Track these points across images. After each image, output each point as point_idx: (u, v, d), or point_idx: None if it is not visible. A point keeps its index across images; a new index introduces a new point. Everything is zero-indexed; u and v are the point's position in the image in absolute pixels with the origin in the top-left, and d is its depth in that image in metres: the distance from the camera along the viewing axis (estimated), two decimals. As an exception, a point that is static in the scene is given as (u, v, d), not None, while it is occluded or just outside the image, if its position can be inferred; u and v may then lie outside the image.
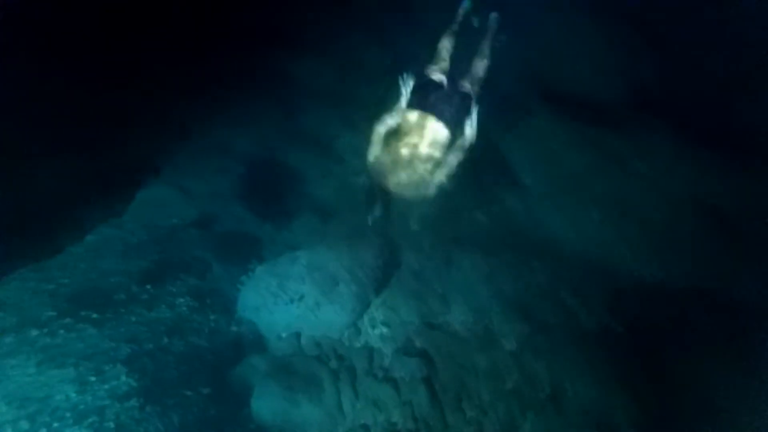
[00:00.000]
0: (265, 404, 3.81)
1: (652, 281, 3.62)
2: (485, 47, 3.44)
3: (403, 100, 3.08)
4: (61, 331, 4.82)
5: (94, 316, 5.07)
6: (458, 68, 3.40)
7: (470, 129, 3.05)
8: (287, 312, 4.52)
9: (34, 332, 4.73)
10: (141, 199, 5.72)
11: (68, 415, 4.00)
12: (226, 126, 6.97)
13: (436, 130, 3.02)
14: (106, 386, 4.27)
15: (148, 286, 5.37)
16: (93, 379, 4.36)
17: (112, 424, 3.94)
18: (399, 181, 2.90)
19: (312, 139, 7.03)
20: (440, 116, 3.05)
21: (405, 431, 3.21)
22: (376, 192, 2.91)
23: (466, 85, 3.26)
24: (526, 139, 5.77)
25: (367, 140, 3.06)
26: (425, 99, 3.14)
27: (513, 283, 4.07)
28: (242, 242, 6.01)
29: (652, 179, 4.01)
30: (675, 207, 3.86)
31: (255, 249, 5.84)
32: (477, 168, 5.46)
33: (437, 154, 2.98)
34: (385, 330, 4.06)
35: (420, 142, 2.98)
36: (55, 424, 3.93)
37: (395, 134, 3.09)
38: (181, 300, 5.23)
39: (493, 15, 3.63)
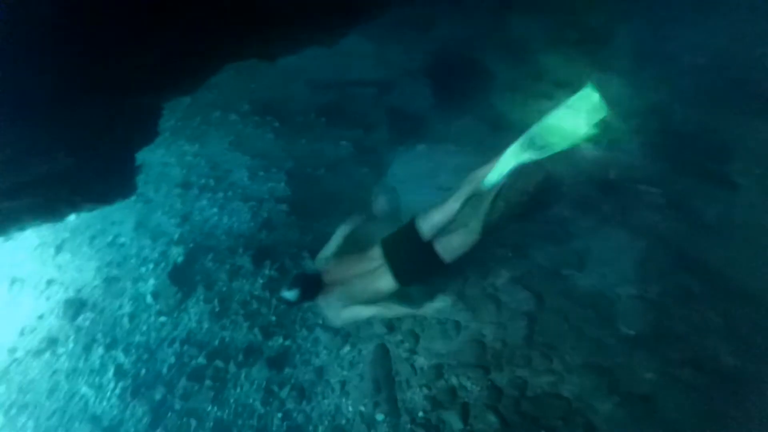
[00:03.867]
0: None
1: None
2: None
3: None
4: (251, 125, 5.70)
5: (276, 124, 5.84)
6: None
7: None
8: (428, 197, 4.74)
9: (233, 117, 5.67)
10: (342, 45, 6.00)
11: (239, 192, 4.92)
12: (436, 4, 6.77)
13: (385, 284, 3.06)
14: (269, 184, 5.07)
15: (323, 119, 5.95)
16: (261, 174, 5.20)
17: (265, 215, 4.76)
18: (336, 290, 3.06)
19: (518, 48, 6.59)
20: (396, 274, 3.06)
21: (490, 347, 3.43)
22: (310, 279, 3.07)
23: (448, 253, 3.11)
24: (763, 136, 4.78)
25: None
26: (395, 250, 3.14)
27: (661, 280, 3.75)
28: (411, 116, 6.18)
29: None
30: None
31: (420, 127, 5.99)
32: (682, 143, 4.76)
33: (373, 297, 3.06)
34: (510, 254, 4.12)
35: (366, 282, 3.08)
36: (229, 193, 4.88)
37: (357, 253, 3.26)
38: (344, 143, 5.72)
39: None
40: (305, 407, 3.39)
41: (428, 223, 3.17)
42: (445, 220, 3.17)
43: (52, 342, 3.88)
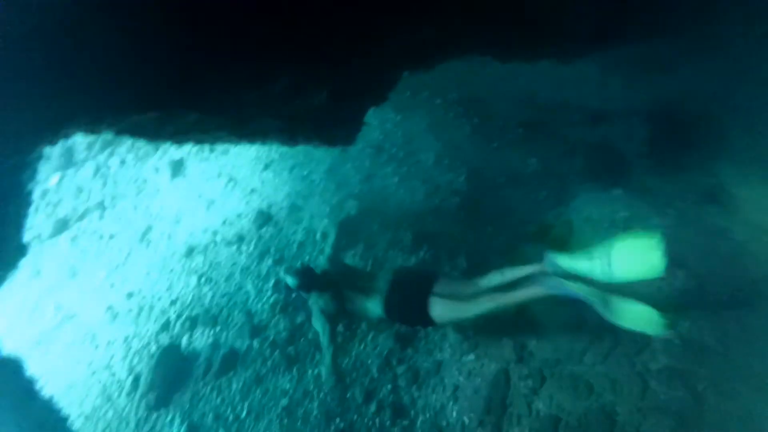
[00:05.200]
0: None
1: None
2: None
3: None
4: (451, 114, 5.91)
5: (476, 120, 5.94)
6: None
7: None
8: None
9: (438, 101, 5.94)
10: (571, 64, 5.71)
11: (421, 172, 5.19)
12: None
13: (373, 307, 3.29)
14: (450, 175, 5.22)
15: (522, 130, 5.85)
16: (446, 162, 5.39)
17: (436, 202, 4.94)
18: None
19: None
20: (386, 306, 3.23)
21: (621, 430, 3.14)
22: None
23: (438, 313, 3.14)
24: None
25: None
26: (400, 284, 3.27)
27: None
28: (615, 155, 5.70)
29: None
30: None
31: (622, 170, 5.50)
32: None
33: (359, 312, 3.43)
34: (678, 342, 3.66)
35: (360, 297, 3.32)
36: (412, 170, 5.19)
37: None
38: (534, 160, 5.57)
39: None
40: (414, 392, 3.54)
41: (445, 286, 3.23)
42: (459, 294, 3.20)
43: (240, 239, 4.69)
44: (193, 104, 2.78)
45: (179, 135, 3.52)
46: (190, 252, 4.57)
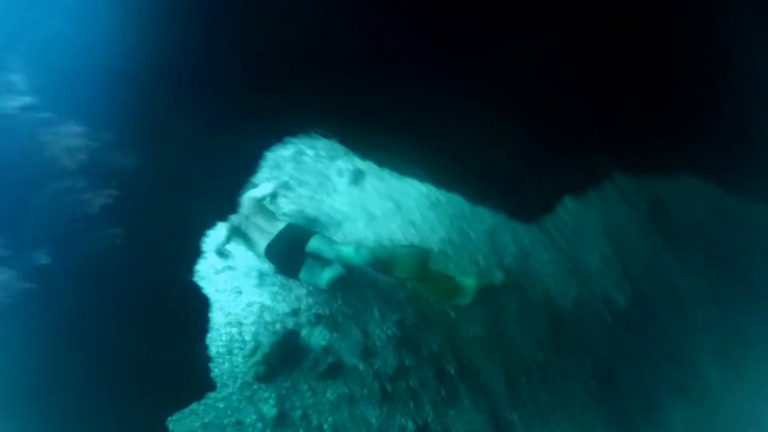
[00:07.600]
0: None
1: None
2: None
3: None
4: (636, 223, 5.42)
5: (659, 240, 5.35)
6: None
7: None
8: None
9: (624, 207, 5.51)
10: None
11: (575, 265, 4.85)
12: None
13: (260, 245, 4.56)
14: (607, 283, 4.79)
15: (711, 271, 5.11)
16: (607, 269, 4.94)
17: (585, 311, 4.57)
18: None
19: None
20: (268, 247, 4.45)
21: None
22: None
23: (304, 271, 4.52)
24: None
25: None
26: (287, 236, 4.43)
27: None
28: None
29: None
30: None
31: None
32: None
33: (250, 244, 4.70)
34: None
35: (256, 232, 4.57)
36: (570, 263, 4.88)
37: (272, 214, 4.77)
38: (714, 309, 4.83)
39: None
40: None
41: (318, 243, 4.33)
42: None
43: (384, 263, 4.91)
44: (411, 135, 3.01)
45: (382, 156, 3.84)
46: (337, 255, 4.98)
